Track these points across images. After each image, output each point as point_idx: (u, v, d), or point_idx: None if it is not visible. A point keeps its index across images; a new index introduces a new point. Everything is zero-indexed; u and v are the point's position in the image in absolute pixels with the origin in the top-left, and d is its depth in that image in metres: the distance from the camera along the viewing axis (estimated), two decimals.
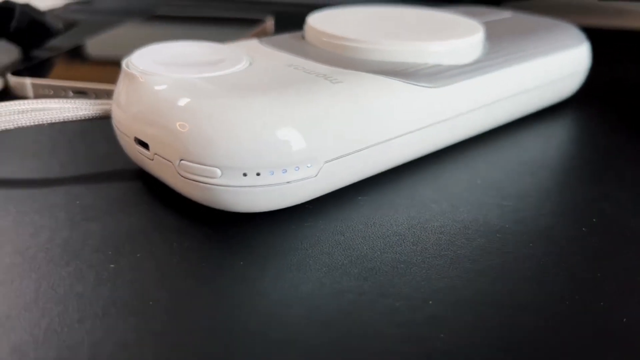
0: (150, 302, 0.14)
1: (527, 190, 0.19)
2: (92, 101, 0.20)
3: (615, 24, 0.42)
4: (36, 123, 0.19)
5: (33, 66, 0.29)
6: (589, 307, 0.14)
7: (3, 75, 0.27)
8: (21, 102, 0.19)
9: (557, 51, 0.24)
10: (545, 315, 0.14)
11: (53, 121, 0.19)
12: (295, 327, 0.13)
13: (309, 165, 0.16)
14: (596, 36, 0.30)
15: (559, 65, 0.24)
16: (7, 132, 0.21)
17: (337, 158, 0.17)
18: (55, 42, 0.34)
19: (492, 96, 0.21)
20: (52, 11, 0.44)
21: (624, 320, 0.14)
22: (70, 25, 0.37)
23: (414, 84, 0.19)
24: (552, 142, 0.23)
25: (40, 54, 0.32)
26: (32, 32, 0.32)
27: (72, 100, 0.20)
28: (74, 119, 0.20)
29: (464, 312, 0.14)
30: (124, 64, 0.18)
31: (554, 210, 0.18)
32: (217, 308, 0.14)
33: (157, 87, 0.17)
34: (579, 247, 0.16)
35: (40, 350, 0.12)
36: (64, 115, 0.19)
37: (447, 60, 0.20)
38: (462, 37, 0.21)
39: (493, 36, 0.23)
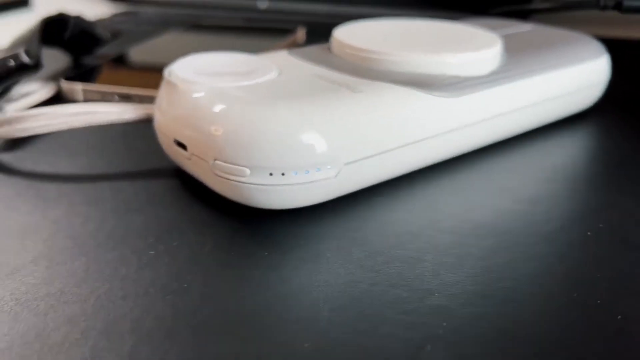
0: (185, 285, 0.16)
1: (539, 196, 0.21)
2: (136, 105, 0.22)
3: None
4: (86, 125, 0.21)
5: (83, 73, 0.31)
6: (586, 304, 0.15)
7: (57, 80, 0.30)
8: (74, 105, 0.22)
9: (574, 63, 0.25)
10: (543, 310, 0.15)
11: (101, 123, 0.21)
12: (312, 309, 0.15)
13: (329, 166, 0.18)
14: (620, 48, 0.31)
15: (577, 77, 0.25)
16: (60, 133, 0.24)
17: (356, 161, 0.18)
18: (103, 50, 0.36)
19: (508, 107, 0.22)
20: (100, 21, 0.47)
21: (619, 317, 0.15)
22: (116, 35, 0.39)
23: (431, 94, 0.20)
24: (569, 151, 0.24)
25: (89, 61, 0.35)
26: (82, 41, 0.35)
27: (118, 105, 0.22)
28: (120, 121, 0.22)
29: (467, 304, 0.15)
30: (165, 72, 0.20)
31: (563, 215, 0.19)
32: (243, 291, 0.16)
33: (195, 95, 0.19)
34: (581, 250, 0.18)
35: (89, 321, 0.14)
36: (111, 118, 0.21)
37: (464, 72, 0.22)
38: (480, 49, 0.22)
39: (512, 48, 0.24)
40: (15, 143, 0.24)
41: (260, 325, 0.14)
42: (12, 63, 0.26)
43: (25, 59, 0.26)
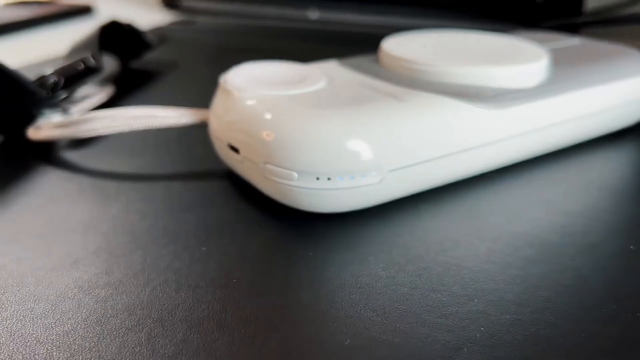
0: (234, 280, 0.17)
1: (580, 209, 0.21)
2: (193, 110, 0.23)
3: None
4: (146, 127, 0.23)
5: None
6: (624, 317, 0.15)
7: (111, 84, 0.31)
8: (135, 109, 0.23)
9: (621, 78, 0.24)
10: (579, 319, 0.15)
11: (160, 127, 0.23)
12: (352, 309, 0.16)
13: (374, 173, 0.19)
14: None
15: (623, 92, 0.25)
16: (121, 134, 0.25)
17: (400, 168, 0.19)
18: (150, 56, 0.38)
19: (552, 120, 0.23)
20: (156, 29, 0.49)
21: None
22: (163, 42, 0.41)
23: (475, 105, 0.20)
24: (613, 165, 0.24)
25: (138, 65, 0.37)
26: (133, 47, 0.37)
27: (176, 109, 0.23)
28: (177, 125, 0.23)
29: (505, 311, 0.16)
30: (221, 80, 0.21)
31: (604, 229, 0.19)
32: (287, 288, 0.16)
33: (248, 102, 0.20)
34: (622, 263, 0.18)
35: (145, 309, 0.15)
36: (169, 122, 0.23)
37: (509, 84, 0.22)
38: (525, 62, 0.22)
39: (558, 62, 0.24)
40: (80, 143, 0.26)
41: (302, 321, 0.15)
42: (81, 66, 0.27)
43: (92, 62, 0.28)
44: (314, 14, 0.52)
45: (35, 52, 0.41)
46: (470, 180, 0.22)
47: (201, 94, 0.34)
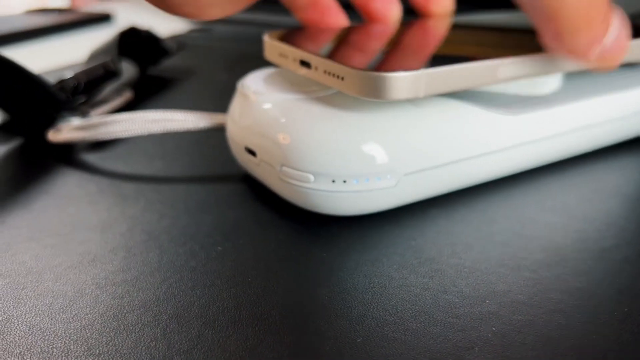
0: (249, 279, 0.17)
1: (594, 216, 0.21)
2: (210, 114, 0.23)
3: None
4: (164, 131, 0.23)
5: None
6: (636, 320, 0.15)
7: (130, 88, 0.32)
8: (153, 112, 0.23)
9: (637, 86, 0.25)
10: (590, 321, 0.15)
11: (177, 130, 0.23)
12: (365, 308, 0.16)
13: (389, 176, 0.19)
14: None
15: (638, 100, 0.25)
16: (140, 137, 0.25)
17: (415, 172, 0.19)
18: (168, 62, 0.39)
19: (567, 127, 0.23)
20: (176, 36, 0.49)
21: None
22: (181, 48, 0.42)
23: (490, 111, 0.21)
24: (627, 173, 0.24)
25: (156, 71, 0.37)
26: (151, 53, 0.37)
27: (194, 113, 0.23)
28: (195, 129, 0.23)
29: (517, 312, 0.16)
30: (239, 84, 0.22)
31: (617, 234, 0.19)
32: (301, 287, 0.17)
33: (265, 106, 0.20)
34: (635, 268, 0.18)
35: (160, 306, 0.16)
36: (187, 125, 0.23)
37: (524, 90, 0.22)
38: None
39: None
40: (100, 145, 0.26)
41: (316, 319, 0.15)
42: (101, 71, 0.28)
43: (111, 67, 0.28)
44: None
45: (55, 58, 0.42)
46: (484, 185, 0.22)
47: (218, 99, 0.34)
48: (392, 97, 0.18)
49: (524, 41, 0.22)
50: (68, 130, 0.25)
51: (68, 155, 0.26)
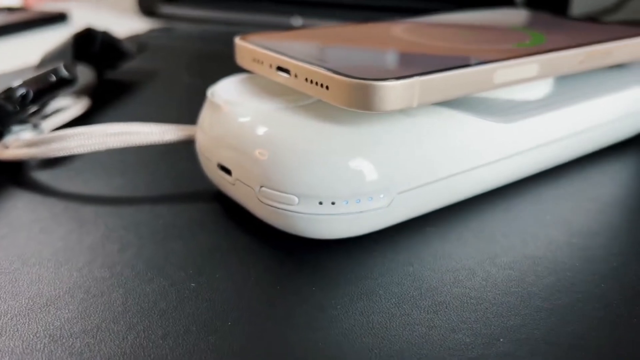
0: (229, 322, 0.15)
1: (596, 228, 0.19)
2: (177, 127, 0.21)
3: None
4: (125, 145, 0.21)
5: None
6: None
7: (87, 96, 0.29)
8: (113, 125, 0.21)
9: (629, 88, 0.23)
10: (616, 358, 0.14)
11: (140, 144, 0.21)
12: (365, 355, 0.14)
13: (381, 195, 0.17)
14: None
15: (631, 101, 0.24)
16: (98, 153, 0.23)
17: (409, 190, 0.17)
18: (128, 66, 0.36)
19: (562, 132, 0.21)
20: (135, 37, 0.46)
21: None
22: (141, 50, 0.39)
23: (485, 119, 0.19)
24: (621, 179, 0.23)
25: (115, 75, 0.34)
26: (109, 56, 0.35)
27: (159, 125, 0.21)
28: (160, 143, 0.21)
29: (536, 351, 0.14)
30: (209, 93, 0.19)
31: (624, 250, 0.18)
32: (290, 331, 0.14)
33: (239, 117, 0.18)
34: None
35: None
36: (151, 139, 0.21)
37: (518, 97, 0.20)
38: None
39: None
40: (52, 163, 0.24)
41: None
42: (53, 78, 0.25)
43: (65, 73, 0.26)
44: (297, 21, 0.51)
45: (3, 62, 0.39)
46: (479, 198, 0.21)
47: (184, 105, 0.32)
48: (383, 108, 0.16)
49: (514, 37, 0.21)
50: (16, 146, 0.22)
51: (16, 175, 0.23)
